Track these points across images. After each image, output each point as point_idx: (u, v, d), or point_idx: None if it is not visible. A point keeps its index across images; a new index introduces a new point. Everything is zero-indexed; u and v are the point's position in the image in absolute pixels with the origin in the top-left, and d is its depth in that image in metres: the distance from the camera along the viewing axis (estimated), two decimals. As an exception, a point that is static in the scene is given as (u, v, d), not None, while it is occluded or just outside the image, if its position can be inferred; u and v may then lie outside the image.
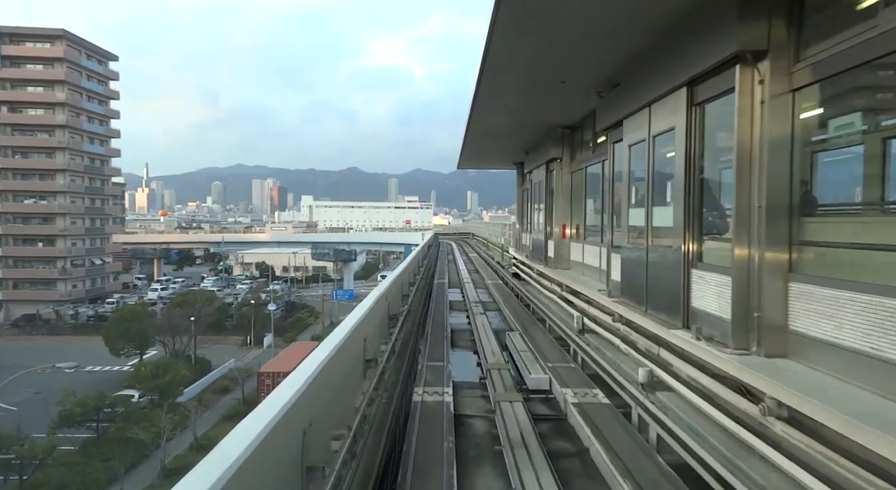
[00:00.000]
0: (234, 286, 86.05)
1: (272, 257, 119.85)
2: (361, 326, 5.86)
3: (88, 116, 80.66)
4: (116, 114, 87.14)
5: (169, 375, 41.05)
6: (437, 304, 14.65)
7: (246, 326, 66.29)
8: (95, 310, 70.37)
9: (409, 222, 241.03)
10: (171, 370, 41.70)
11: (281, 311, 78.14)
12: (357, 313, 6.18)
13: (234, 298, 73.87)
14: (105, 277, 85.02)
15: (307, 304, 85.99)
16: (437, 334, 10.73)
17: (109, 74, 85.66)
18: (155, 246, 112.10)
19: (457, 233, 78.11)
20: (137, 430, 34.87)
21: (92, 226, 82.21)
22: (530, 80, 8.50)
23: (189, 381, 49.01)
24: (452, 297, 16.58)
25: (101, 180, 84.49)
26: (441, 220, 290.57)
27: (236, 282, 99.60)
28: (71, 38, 76.33)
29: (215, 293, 65.04)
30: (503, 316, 13.55)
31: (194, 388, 48.05)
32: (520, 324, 11.65)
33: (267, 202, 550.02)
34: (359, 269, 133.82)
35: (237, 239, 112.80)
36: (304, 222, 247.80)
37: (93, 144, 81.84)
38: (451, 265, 27.96)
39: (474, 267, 26.70)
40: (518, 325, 11.57)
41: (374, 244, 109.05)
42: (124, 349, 48.84)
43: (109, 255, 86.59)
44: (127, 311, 49.10)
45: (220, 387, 49.18)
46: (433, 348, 9.47)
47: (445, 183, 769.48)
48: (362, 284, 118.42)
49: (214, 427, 39.84)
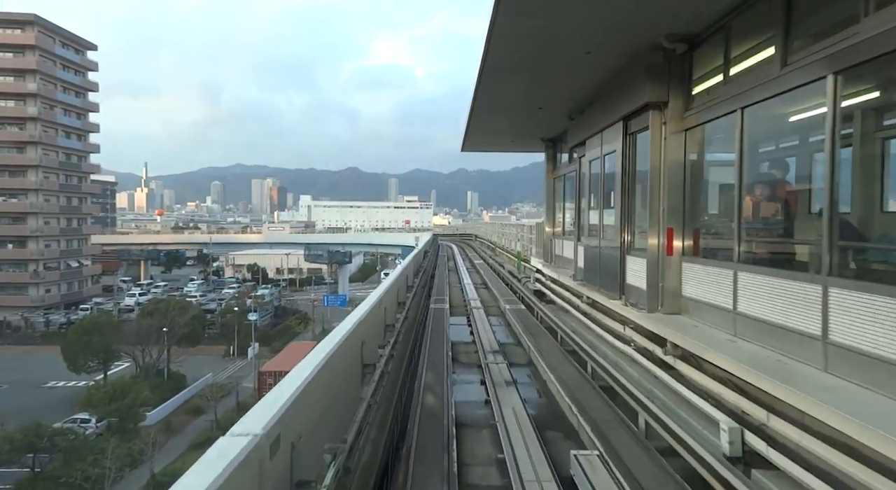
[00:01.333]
0: (219, 290, 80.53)
1: (265, 258, 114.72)
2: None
3: (64, 109, 75.33)
4: (95, 106, 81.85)
5: (129, 398, 35.77)
6: (433, 354, 9.27)
7: (230, 335, 61.12)
8: (68, 317, 65.02)
9: (408, 222, 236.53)
10: (132, 391, 36.42)
11: (269, 318, 72.97)
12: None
13: (217, 304, 68.53)
14: (83, 281, 79.69)
15: (299, 310, 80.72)
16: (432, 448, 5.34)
17: (87, 64, 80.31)
18: (141, 247, 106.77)
19: (458, 234, 72.65)
20: (84, 466, 29.54)
21: (68, 226, 76.93)
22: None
23: (157, 400, 43.82)
24: (456, 335, 11.25)
25: (78, 177, 79.15)
26: (441, 219, 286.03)
27: (225, 284, 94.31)
28: (43, 24, 71.01)
29: (190, 302, 59.59)
30: (544, 385, 8.19)
31: (163, 408, 42.79)
32: (585, 414, 6.32)
33: (266, 202, 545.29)
34: (355, 270, 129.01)
35: (226, 240, 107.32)
36: (301, 222, 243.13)
37: (69, 139, 76.51)
38: (451, 275, 22.70)
39: (481, 279, 21.35)
40: (583, 417, 6.24)
41: (370, 245, 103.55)
42: (86, 364, 43.56)
43: (88, 258, 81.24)
44: (88, 323, 43.77)
45: (193, 406, 43.88)
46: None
47: (445, 183, 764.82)
48: (359, 287, 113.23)
49: (181, 457, 34.50)
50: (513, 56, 7.23)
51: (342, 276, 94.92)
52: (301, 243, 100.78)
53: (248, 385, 50.87)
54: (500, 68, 7.73)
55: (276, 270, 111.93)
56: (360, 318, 5.71)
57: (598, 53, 6.93)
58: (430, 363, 8.75)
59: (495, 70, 7.79)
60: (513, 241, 24.98)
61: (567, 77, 8.15)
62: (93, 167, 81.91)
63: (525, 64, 7.58)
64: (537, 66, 7.66)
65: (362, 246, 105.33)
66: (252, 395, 47.35)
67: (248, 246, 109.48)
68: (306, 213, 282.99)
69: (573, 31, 6.26)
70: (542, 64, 7.55)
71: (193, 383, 48.11)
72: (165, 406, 43.28)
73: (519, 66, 7.72)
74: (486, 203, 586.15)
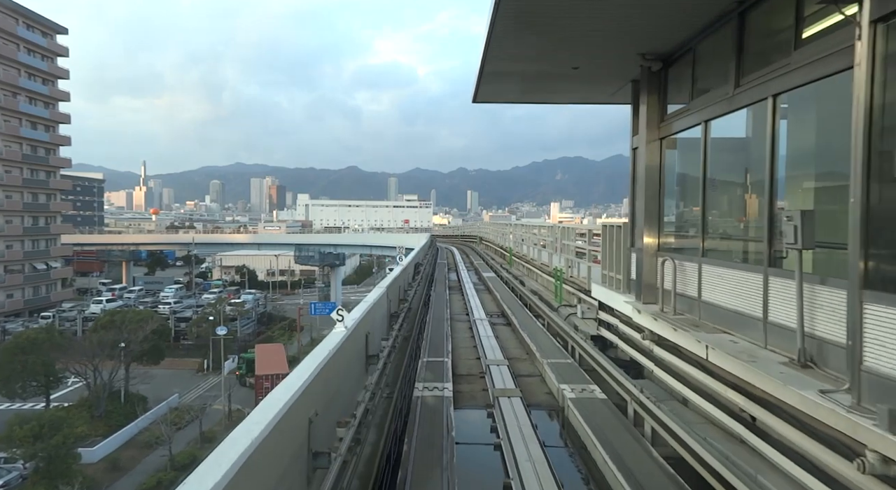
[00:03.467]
0: (199, 296, 73.96)
1: (255, 260, 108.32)
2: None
3: (28, 97, 68.81)
4: (66, 95, 75.25)
5: (59, 435, 29.31)
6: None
7: (205, 347, 54.74)
8: (26, 326, 58.45)
9: (407, 222, 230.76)
10: (63, 426, 29.96)
11: (253, 326, 66.43)
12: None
13: (193, 312, 62.00)
14: (51, 285, 73.19)
15: (286, 317, 74.20)
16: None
17: (57, 50, 73.74)
18: (122, 247, 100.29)
19: (459, 235, 66.06)
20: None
21: (34, 225, 70.44)
22: None
23: (108, 429, 37.35)
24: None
25: (46, 172, 72.64)
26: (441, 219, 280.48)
27: (212, 287, 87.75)
28: (3, 2, 64.46)
29: (153, 312, 53.03)
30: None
31: (114, 439, 36.34)
32: None
33: (266, 201, 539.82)
34: (350, 272, 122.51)
35: (211, 240, 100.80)
36: (298, 222, 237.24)
37: (35, 130, 69.98)
38: (454, 299, 16.26)
39: (497, 307, 14.86)
40: None
41: (364, 247, 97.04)
42: (23, 389, 37.12)
43: (57, 259, 74.73)
44: (24, 340, 37.24)
45: (151, 436, 37.22)
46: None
47: (445, 182, 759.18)
48: (353, 290, 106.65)
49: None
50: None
51: (334, 280, 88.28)
52: (291, 244, 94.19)
53: (218, 407, 44.55)
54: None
55: (267, 272, 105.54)
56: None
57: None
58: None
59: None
60: (539, 249, 18.43)
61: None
62: (62, 161, 75.30)
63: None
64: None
65: (356, 247, 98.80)
66: (221, 422, 41.07)
67: (235, 247, 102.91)
68: (304, 212, 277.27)
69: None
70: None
71: (156, 406, 41.70)
72: (117, 437, 36.83)
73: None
74: (486, 203, 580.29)
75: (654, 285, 6.66)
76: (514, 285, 18.30)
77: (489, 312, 13.62)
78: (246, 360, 49.14)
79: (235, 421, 39.41)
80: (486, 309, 13.89)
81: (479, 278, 22.19)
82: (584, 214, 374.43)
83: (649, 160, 6.76)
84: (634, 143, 7.46)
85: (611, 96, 8.92)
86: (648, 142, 6.73)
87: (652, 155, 6.75)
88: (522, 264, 22.01)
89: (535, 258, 18.51)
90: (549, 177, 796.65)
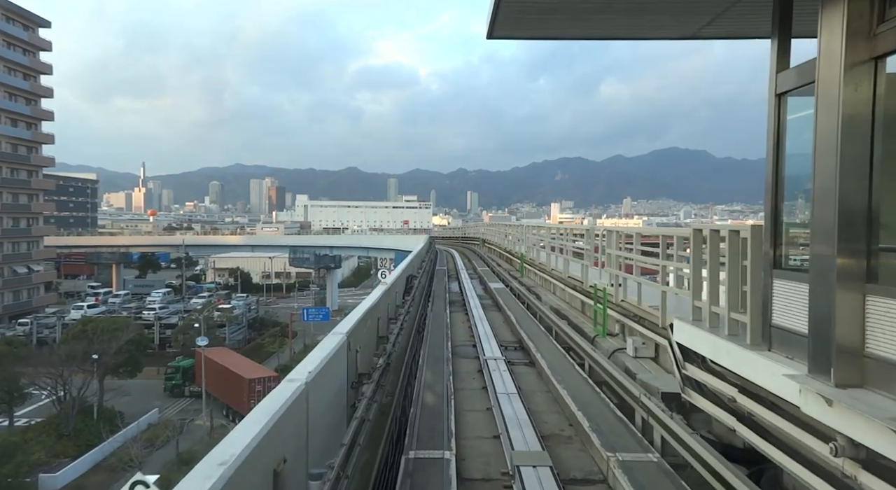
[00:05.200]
0: (188, 300, 70.68)
1: (250, 262, 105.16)
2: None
3: (8, 92, 65.58)
4: (49, 92, 72.03)
5: (12, 463, 26.03)
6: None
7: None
8: (2, 333, 55.27)
9: (407, 222, 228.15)
10: (18, 453, 26.69)
11: (243, 332, 63.08)
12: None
13: (180, 318, 58.68)
14: (33, 289, 69.94)
15: (280, 322, 70.78)
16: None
17: (39, 43, 70.54)
18: (112, 249, 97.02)
19: (460, 237, 62.75)
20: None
21: (14, 226, 67.19)
22: None
23: (77, 450, 34.03)
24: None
25: (28, 171, 69.39)
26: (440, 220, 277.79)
27: (204, 290, 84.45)
28: (-21, -8, 61.33)
29: (129, 320, 49.74)
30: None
31: (81, 463, 33.00)
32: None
33: (265, 202, 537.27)
34: (348, 274, 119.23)
35: (202, 242, 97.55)
36: (297, 223, 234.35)
37: (15, 127, 66.74)
38: (456, 321, 13.07)
39: (515, 340, 11.60)
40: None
41: (361, 249, 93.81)
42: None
43: (40, 262, 71.49)
44: (-17, 353, 33.93)
45: (121, 459, 33.82)
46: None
47: (445, 182, 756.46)
48: (350, 293, 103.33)
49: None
50: None
51: (330, 283, 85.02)
52: (285, 246, 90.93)
53: (200, 423, 41.25)
54: None
55: (265, 274, 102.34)
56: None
57: None
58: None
59: None
60: (557, 256, 15.11)
61: None
62: (45, 160, 72.08)
63: None
64: None
65: (353, 249, 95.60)
66: (202, 440, 37.74)
67: (228, 248, 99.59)
68: (303, 213, 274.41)
69: None
70: None
71: (132, 423, 38.36)
72: (85, 459, 33.51)
73: None
74: (486, 203, 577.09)
75: (858, 349, 3.38)
76: (528, 300, 15.00)
77: (503, 342, 10.31)
78: (182, 367, 46.51)
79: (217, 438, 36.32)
80: (498, 337, 10.57)
81: (484, 289, 18.91)
82: (584, 215, 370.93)
83: (850, 98, 3.35)
84: (789, 80, 4.15)
85: (702, 28, 5.64)
86: (850, 64, 3.35)
87: (853, 89, 3.36)
88: (535, 272, 18.73)
89: (558, 269, 15.21)
90: (548, 177, 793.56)
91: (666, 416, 5.43)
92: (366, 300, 7.56)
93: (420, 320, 12.19)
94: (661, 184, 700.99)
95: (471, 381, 7.98)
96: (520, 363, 8.99)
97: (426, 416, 5.96)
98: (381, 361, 5.74)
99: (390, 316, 9.68)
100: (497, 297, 16.02)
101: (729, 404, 4.96)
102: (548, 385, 7.67)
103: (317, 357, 4.01)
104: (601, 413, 6.23)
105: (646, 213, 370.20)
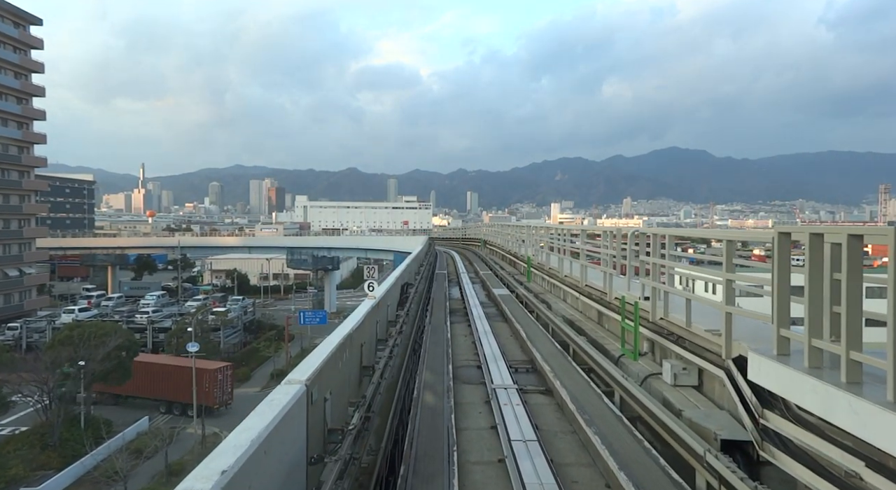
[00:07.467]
0: (183, 303, 69.18)
1: (248, 263, 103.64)
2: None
3: (-2, 91, 64.23)
4: (41, 91, 70.55)
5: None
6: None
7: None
8: (-10, 338, 53.79)
9: (406, 223, 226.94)
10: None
11: (238, 336, 61.59)
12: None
13: (173, 321, 57.19)
14: (25, 291, 68.44)
15: (277, 325, 69.27)
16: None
17: (30, 41, 69.06)
18: (106, 251, 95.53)
19: (460, 238, 61.30)
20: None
21: (5, 228, 65.72)
22: None
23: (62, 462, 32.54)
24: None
25: (18, 171, 67.90)
26: (440, 220, 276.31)
27: (200, 292, 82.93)
28: (-33, -11, 59.89)
29: (118, 324, 48.20)
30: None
31: (63, 476, 31.47)
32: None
33: (265, 203, 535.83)
34: (347, 275, 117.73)
35: (198, 243, 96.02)
36: (296, 223, 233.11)
37: (5, 127, 65.28)
38: (458, 334, 11.67)
39: (527, 359, 10.17)
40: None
41: (359, 250, 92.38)
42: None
43: (32, 264, 69.99)
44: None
45: (108, 470, 32.30)
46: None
47: (445, 183, 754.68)
48: (349, 295, 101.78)
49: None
50: None
51: (328, 285, 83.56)
52: (283, 247, 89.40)
53: (191, 431, 39.75)
54: None
55: (262, 276, 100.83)
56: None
57: None
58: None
59: None
60: (571, 261, 13.62)
61: None
62: (37, 160, 70.55)
63: None
64: None
65: (352, 250, 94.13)
66: (193, 450, 36.29)
67: (225, 250, 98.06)
68: (302, 213, 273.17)
69: None
70: None
71: (119, 433, 36.86)
72: (69, 471, 32.01)
73: None
74: (486, 204, 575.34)
75: None
76: (537, 309, 13.55)
77: (513, 363, 8.87)
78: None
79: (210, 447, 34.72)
80: (507, 357, 9.13)
81: (487, 295, 17.46)
82: (584, 215, 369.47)
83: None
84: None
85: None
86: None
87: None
88: (543, 277, 17.29)
89: (572, 276, 13.74)
90: (548, 177, 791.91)
91: (745, 486, 3.97)
92: (343, 324, 6.07)
93: (417, 335, 10.76)
94: (662, 184, 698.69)
95: (477, 416, 6.53)
96: (534, 391, 7.54)
97: (421, 478, 4.51)
98: (357, 418, 4.17)
99: (380, 336, 8.24)
100: (502, 304, 14.57)
101: (846, 480, 3.53)
102: (572, 424, 6.22)
103: (245, 437, 2.57)
104: (649, 472, 4.78)
105: (646, 213, 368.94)
